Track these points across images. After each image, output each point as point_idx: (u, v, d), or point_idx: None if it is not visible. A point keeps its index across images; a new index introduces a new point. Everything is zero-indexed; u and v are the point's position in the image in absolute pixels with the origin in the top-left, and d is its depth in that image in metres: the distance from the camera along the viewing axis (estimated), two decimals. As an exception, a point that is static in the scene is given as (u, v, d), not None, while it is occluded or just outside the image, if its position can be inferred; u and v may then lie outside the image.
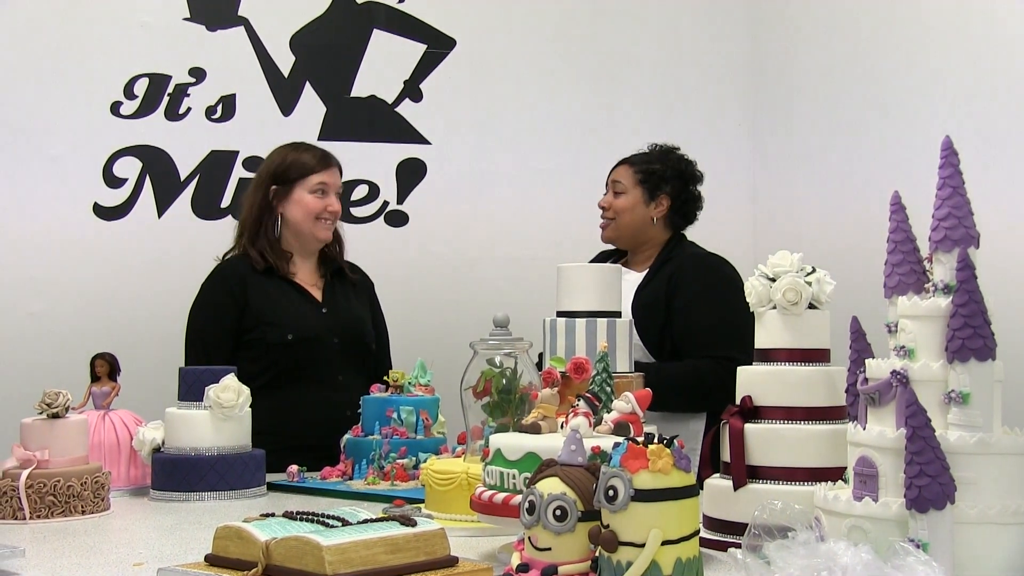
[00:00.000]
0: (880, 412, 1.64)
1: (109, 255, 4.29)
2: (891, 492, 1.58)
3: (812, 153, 4.46)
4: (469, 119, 4.62)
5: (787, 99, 4.63)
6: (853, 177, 4.18)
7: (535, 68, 4.69)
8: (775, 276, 2.01)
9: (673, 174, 3.42)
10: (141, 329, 4.18)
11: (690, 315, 3.22)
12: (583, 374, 2.00)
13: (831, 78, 4.33)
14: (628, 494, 1.39)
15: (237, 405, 2.67)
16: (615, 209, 3.41)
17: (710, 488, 2.02)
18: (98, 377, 2.82)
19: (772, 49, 4.72)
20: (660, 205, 3.41)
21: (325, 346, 3.31)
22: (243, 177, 4.30)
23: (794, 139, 4.58)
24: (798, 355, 1.99)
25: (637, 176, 3.41)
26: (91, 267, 4.27)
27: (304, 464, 2.84)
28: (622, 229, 3.42)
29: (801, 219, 4.48)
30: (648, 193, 3.40)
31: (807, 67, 4.49)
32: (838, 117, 4.28)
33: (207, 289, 3.37)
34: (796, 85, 4.57)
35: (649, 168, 3.42)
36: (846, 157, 4.24)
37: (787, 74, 4.62)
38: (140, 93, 4.33)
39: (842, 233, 4.17)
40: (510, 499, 1.75)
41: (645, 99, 4.73)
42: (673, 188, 3.42)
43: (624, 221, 3.41)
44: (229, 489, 2.60)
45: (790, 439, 1.93)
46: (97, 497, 2.41)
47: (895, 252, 1.71)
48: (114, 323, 4.19)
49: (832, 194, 4.32)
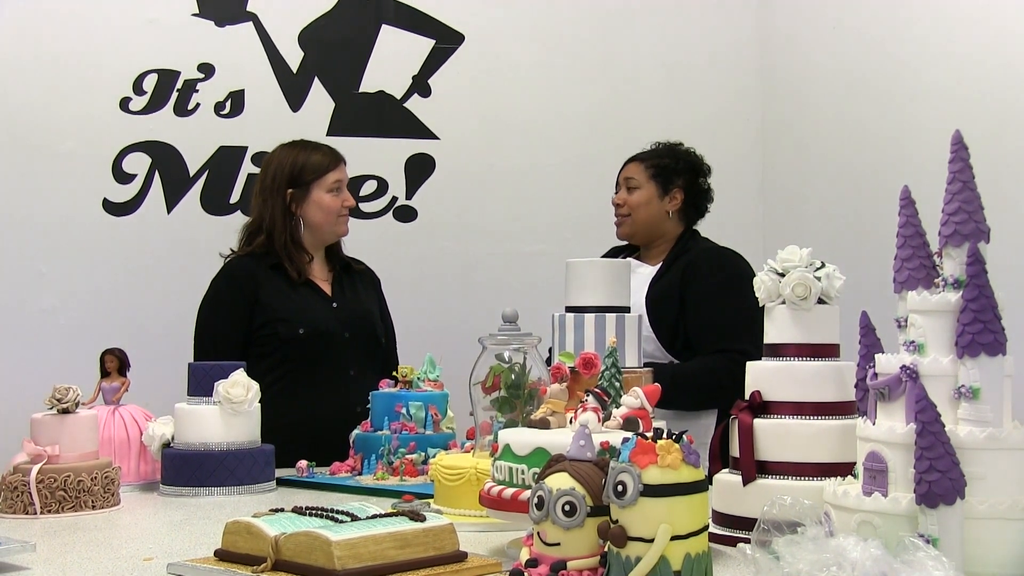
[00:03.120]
0: (890, 407, 1.63)
1: (118, 251, 4.30)
2: (901, 487, 1.58)
3: (821, 147, 4.45)
4: (477, 114, 4.62)
5: (796, 93, 4.62)
6: (862, 171, 4.18)
7: (543, 63, 4.69)
8: (784, 271, 2.01)
9: (685, 167, 3.44)
10: (150, 324, 4.19)
11: (704, 309, 3.22)
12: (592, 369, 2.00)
13: (841, 71, 4.32)
14: (637, 489, 1.39)
15: (246, 400, 2.67)
16: (630, 205, 3.41)
17: (719, 483, 2.02)
18: (108, 372, 2.82)
19: (781, 43, 4.71)
20: (674, 199, 3.42)
21: (336, 340, 3.32)
22: (252, 173, 4.30)
23: (803, 133, 4.57)
24: (807, 350, 1.98)
25: (649, 171, 3.42)
26: (100, 263, 4.28)
27: (313, 459, 2.85)
28: (638, 225, 3.42)
29: (810, 214, 4.48)
30: (662, 187, 3.41)
31: (816, 61, 4.48)
32: (847, 111, 4.27)
33: (217, 286, 3.37)
34: (805, 78, 4.56)
35: (661, 163, 3.43)
36: (855, 151, 4.23)
37: (796, 68, 4.62)
38: (149, 89, 4.34)
39: (852, 228, 4.16)
40: (519, 494, 1.75)
41: (654, 94, 4.73)
42: (686, 181, 3.43)
43: (640, 217, 3.41)
44: (238, 484, 2.60)
45: (799, 434, 1.93)
46: (107, 492, 2.41)
47: (905, 247, 1.70)
48: (123, 318, 4.20)
49: (841, 188, 4.32)
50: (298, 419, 3.18)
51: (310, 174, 3.37)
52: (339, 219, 3.41)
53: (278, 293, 3.32)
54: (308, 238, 3.42)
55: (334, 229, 3.42)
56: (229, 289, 3.33)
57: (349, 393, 3.23)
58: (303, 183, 3.36)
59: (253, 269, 3.33)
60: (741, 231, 4.34)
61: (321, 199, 3.37)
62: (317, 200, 3.37)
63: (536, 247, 4.57)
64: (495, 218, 4.62)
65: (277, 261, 3.34)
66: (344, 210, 3.41)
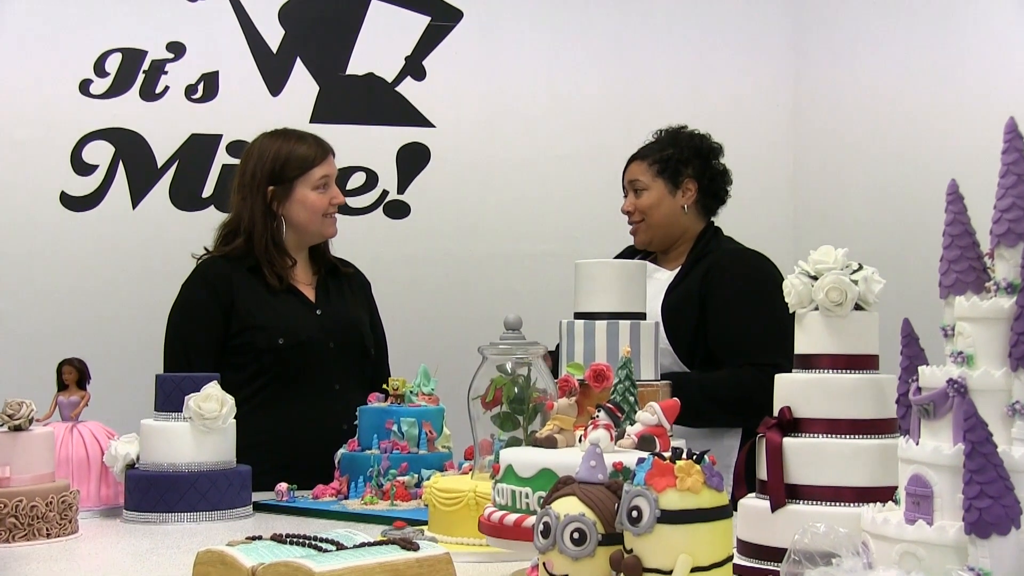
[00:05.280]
0: (935, 425, 1.63)
1: (78, 250, 4.31)
2: (948, 515, 1.58)
3: (859, 136, 4.45)
4: (478, 99, 4.63)
5: (832, 75, 4.62)
6: (905, 163, 4.18)
7: (551, 42, 4.69)
8: (817, 274, 2.01)
9: (691, 153, 3.41)
10: (114, 332, 4.19)
11: (728, 317, 3.20)
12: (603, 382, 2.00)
13: (882, 51, 4.32)
14: (654, 515, 1.39)
15: (220, 416, 2.67)
16: (640, 209, 3.39)
17: (745, 509, 2.02)
18: (66, 385, 2.82)
19: (816, 19, 4.71)
20: (687, 191, 3.40)
21: (319, 351, 3.32)
22: (227, 163, 4.31)
23: (839, 120, 4.57)
24: (843, 361, 1.99)
25: (654, 168, 3.39)
26: (58, 263, 4.29)
27: (294, 482, 2.85)
28: (655, 228, 3.40)
29: (847, 210, 4.48)
30: (671, 182, 3.39)
31: (854, 39, 4.47)
32: (889, 95, 4.27)
33: (189, 289, 3.38)
34: (842, 58, 4.55)
35: (663, 155, 3.39)
36: (897, 140, 4.23)
37: (832, 47, 4.61)
38: (112, 70, 4.34)
39: (892, 226, 4.16)
40: (522, 520, 1.75)
41: (673, 76, 4.73)
42: (695, 168, 3.40)
43: (654, 220, 3.39)
44: (211, 509, 2.61)
45: (834, 455, 1.93)
46: (64, 519, 2.41)
47: (952, 247, 1.70)
48: (84, 325, 4.20)
49: (881, 182, 4.32)
50: (277, 437, 3.19)
51: (294, 169, 3.36)
52: (326, 219, 3.40)
53: (256, 298, 3.32)
54: (291, 240, 3.42)
55: (320, 230, 3.42)
56: (202, 293, 3.34)
57: (334, 408, 3.24)
58: (286, 179, 3.36)
59: (228, 271, 3.33)
60: (769, 230, 4.35)
61: (306, 197, 3.37)
62: (302, 199, 3.37)
63: (542, 247, 4.57)
64: (497, 215, 4.63)
65: (256, 263, 3.34)
66: (332, 208, 3.40)
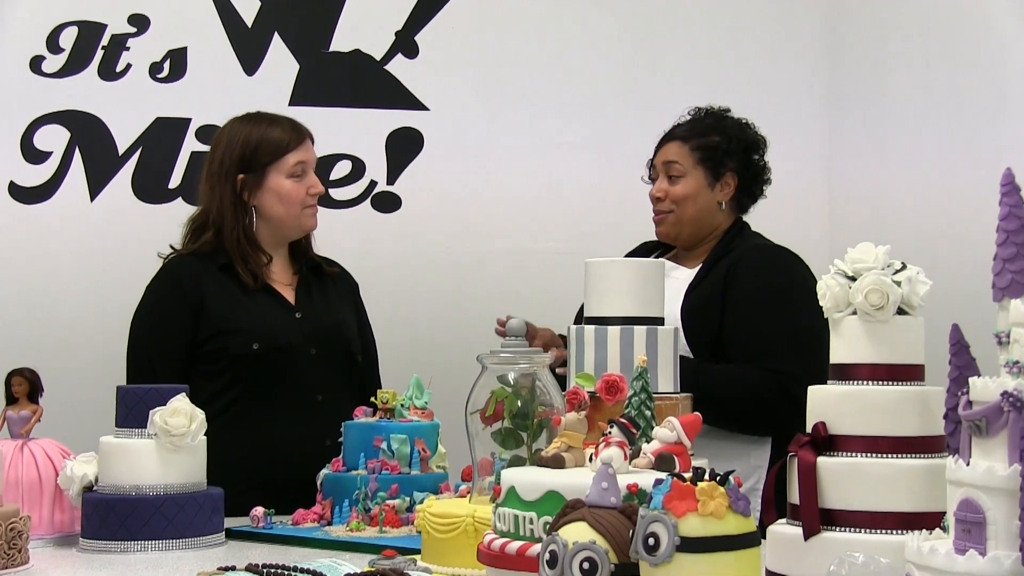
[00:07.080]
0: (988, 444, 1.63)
1: (29, 247, 4.31)
2: (1002, 544, 1.58)
3: (902, 123, 4.45)
4: (476, 79, 4.63)
5: (873, 57, 4.62)
6: (953, 152, 4.17)
7: (557, 16, 4.69)
8: (855, 274, 2.01)
9: (737, 146, 3.38)
10: (69, 339, 4.19)
11: (743, 314, 3.18)
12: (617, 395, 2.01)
13: (928, 30, 4.32)
14: (673, 543, 1.39)
15: (189, 432, 2.67)
16: (674, 198, 3.36)
17: (774, 536, 2.02)
18: (15, 399, 2.82)
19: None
20: (727, 186, 3.37)
21: (299, 358, 3.32)
22: (196, 151, 4.31)
23: (881, 106, 4.57)
24: (884, 372, 1.99)
25: (696, 154, 3.36)
26: (7, 262, 4.29)
27: (272, 506, 2.85)
28: (685, 223, 3.37)
29: (888, 204, 4.48)
30: (712, 173, 3.36)
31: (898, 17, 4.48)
32: (935, 79, 4.27)
33: (153, 291, 3.38)
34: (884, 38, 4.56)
35: (708, 142, 3.36)
36: (944, 128, 4.23)
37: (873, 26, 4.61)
38: (67, 46, 4.34)
39: (939, 221, 4.16)
40: (526, 549, 1.76)
41: (694, 55, 4.73)
42: (739, 162, 3.38)
43: (688, 213, 3.36)
44: (179, 537, 2.60)
45: (874, 476, 1.93)
46: (13, 548, 2.41)
47: (1007, 244, 1.70)
48: (36, 332, 4.20)
49: (927, 173, 4.32)
50: (253, 455, 3.19)
51: (265, 155, 3.36)
52: (304, 211, 3.40)
53: (228, 299, 3.32)
54: (266, 234, 3.41)
55: (298, 223, 3.42)
56: (169, 295, 3.34)
57: (316, 423, 3.23)
58: (257, 166, 3.36)
59: (198, 270, 3.33)
60: (802, 225, 4.35)
61: (280, 186, 3.37)
62: (275, 187, 3.37)
63: (548, 244, 4.57)
64: (497, 208, 4.62)
65: (228, 261, 3.34)
66: (310, 199, 3.40)
